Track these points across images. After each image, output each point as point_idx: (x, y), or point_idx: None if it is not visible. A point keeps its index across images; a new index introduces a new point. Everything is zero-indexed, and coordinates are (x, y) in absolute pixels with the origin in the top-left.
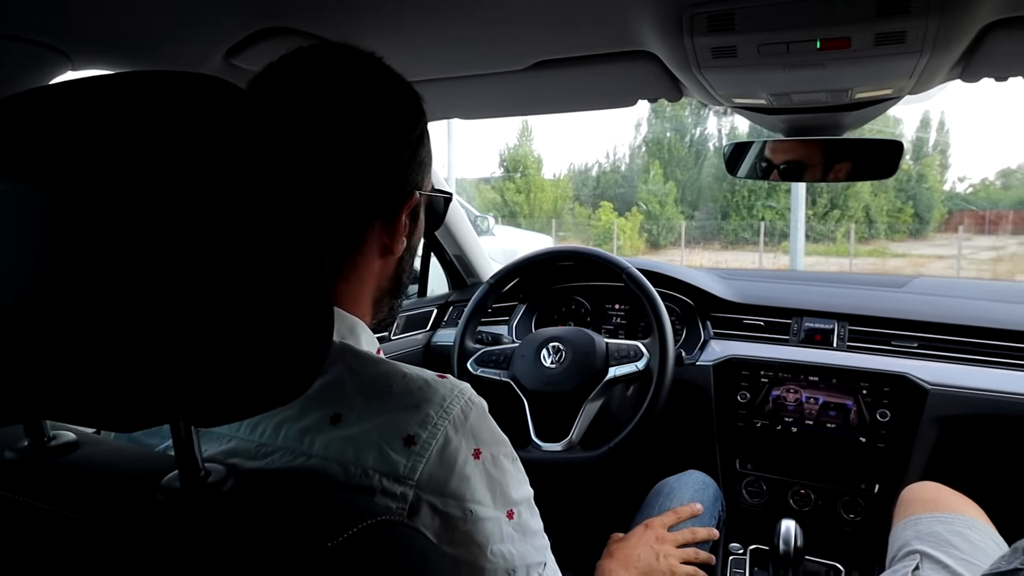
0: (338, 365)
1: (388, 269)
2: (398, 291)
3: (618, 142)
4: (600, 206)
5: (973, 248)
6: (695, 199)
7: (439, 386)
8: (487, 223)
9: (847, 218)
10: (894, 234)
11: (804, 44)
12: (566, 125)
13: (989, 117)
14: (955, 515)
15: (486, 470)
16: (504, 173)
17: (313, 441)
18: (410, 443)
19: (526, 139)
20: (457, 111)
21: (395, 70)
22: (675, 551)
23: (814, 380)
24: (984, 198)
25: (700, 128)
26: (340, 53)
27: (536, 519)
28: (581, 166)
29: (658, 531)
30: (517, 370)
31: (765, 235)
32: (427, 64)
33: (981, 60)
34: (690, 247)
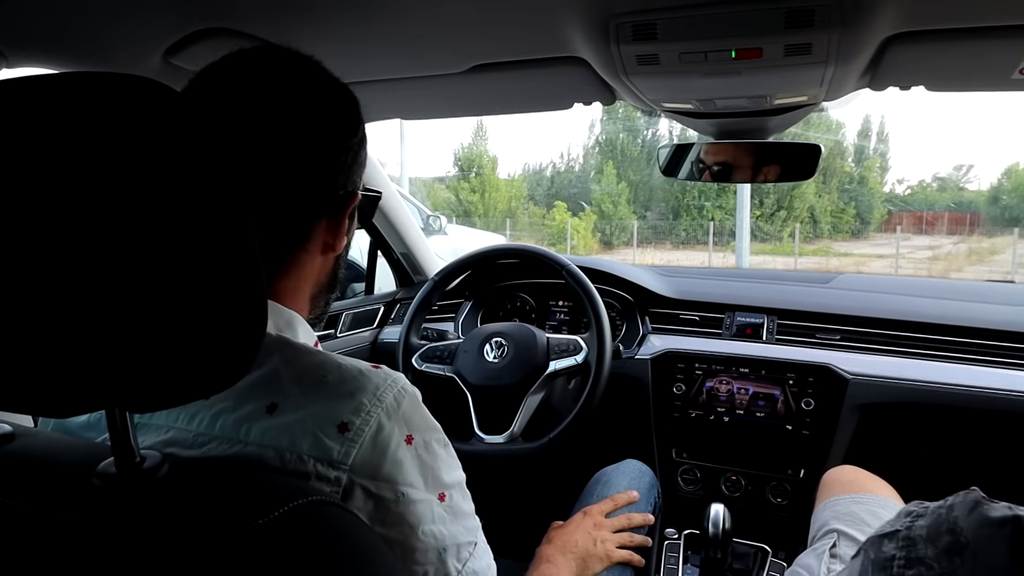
0: (275, 356)
1: (327, 266)
2: (334, 286)
3: (572, 142)
4: (554, 206)
5: (911, 248)
6: (647, 199)
7: (373, 376)
8: (439, 222)
9: (793, 218)
10: (837, 234)
11: (720, 53)
12: (521, 125)
13: (926, 122)
14: (870, 495)
15: (418, 455)
16: (459, 172)
17: (249, 430)
18: (344, 430)
19: (480, 139)
20: (398, 112)
21: (333, 73)
22: (612, 536)
23: (745, 372)
24: (921, 200)
25: (652, 129)
26: (281, 56)
27: (467, 502)
28: (536, 166)
29: (596, 518)
30: (461, 365)
31: (714, 235)
32: (367, 66)
33: (885, 71)
34: (642, 247)
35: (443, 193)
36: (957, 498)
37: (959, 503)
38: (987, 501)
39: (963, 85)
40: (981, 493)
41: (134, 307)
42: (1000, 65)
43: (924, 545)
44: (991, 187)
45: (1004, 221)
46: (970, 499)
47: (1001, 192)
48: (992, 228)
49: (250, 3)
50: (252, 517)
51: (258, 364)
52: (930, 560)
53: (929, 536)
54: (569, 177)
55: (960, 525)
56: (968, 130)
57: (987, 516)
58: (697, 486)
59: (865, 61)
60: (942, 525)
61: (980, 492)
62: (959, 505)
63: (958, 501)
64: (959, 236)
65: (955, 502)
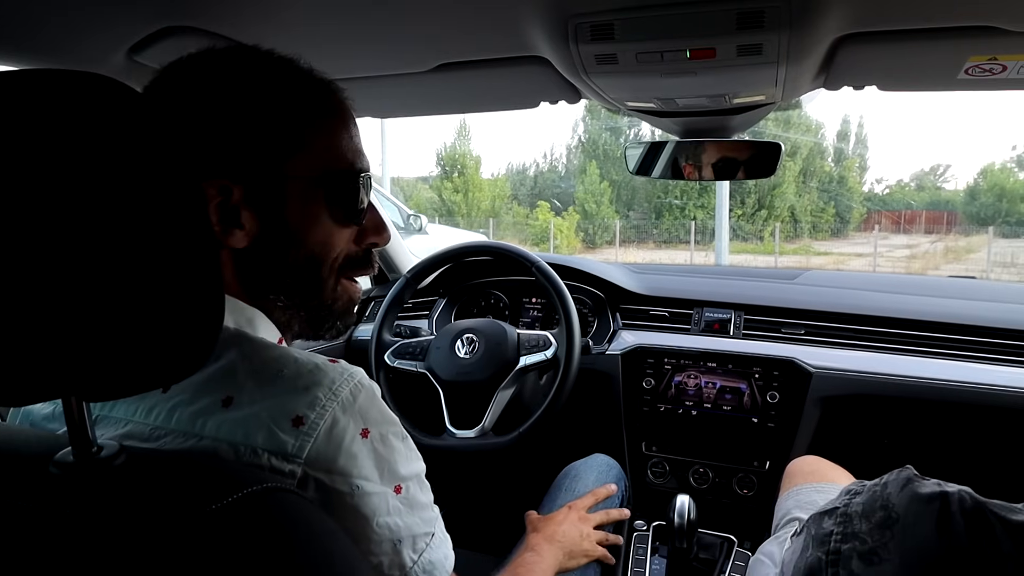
0: (232, 350)
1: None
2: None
3: (555, 142)
4: (537, 205)
5: (889, 246)
6: (630, 199)
7: (329, 370)
8: (420, 222)
9: (773, 218)
10: (817, 233)
11: (676, 53)
12: (504, 125)
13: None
14: (831, 484)
15: (374, 448)
16: (442, 172)
17: (205, 423)
18: (298, 423)
19: (464, 138)
20: (368, 111)
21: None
22: (595, 533)
23: (712, 366)
24: (900, 199)
25: (634, 129)
26: (231, 52)
27: (425, 493)
28: (519, 166)
29: (581, 512)
30: (433, 361)
31: (696, 234)
32: (333, 65)
33: (837, 71)
34: (625, 246)
35: (426, 193)
36: (891, 476)
37: (892, 481)
38: (918, 479)
39: (913, 85)
40: (913, 471)
41: (90, 297)
42: (947, 65)
43: (859, 520)
44: (967, 187)
45: (980, 220)
46: (902, 477)
47: (977, 192)
48: (968, 227)
49: (214, 1)
50: (206, 503)
51: (215, 357)
52: (863, 534)
53: (864, 512)
54: (552, 177)
55: (892, 501)
56: (945, 131)
57: (917, 492)
58: (666, 479)
59: (817, 62)
60: (876, 501)
61: (913, 470)
62: (892, 483)
63: (892, 479)
64: (936, 235)
65: (889, 480)
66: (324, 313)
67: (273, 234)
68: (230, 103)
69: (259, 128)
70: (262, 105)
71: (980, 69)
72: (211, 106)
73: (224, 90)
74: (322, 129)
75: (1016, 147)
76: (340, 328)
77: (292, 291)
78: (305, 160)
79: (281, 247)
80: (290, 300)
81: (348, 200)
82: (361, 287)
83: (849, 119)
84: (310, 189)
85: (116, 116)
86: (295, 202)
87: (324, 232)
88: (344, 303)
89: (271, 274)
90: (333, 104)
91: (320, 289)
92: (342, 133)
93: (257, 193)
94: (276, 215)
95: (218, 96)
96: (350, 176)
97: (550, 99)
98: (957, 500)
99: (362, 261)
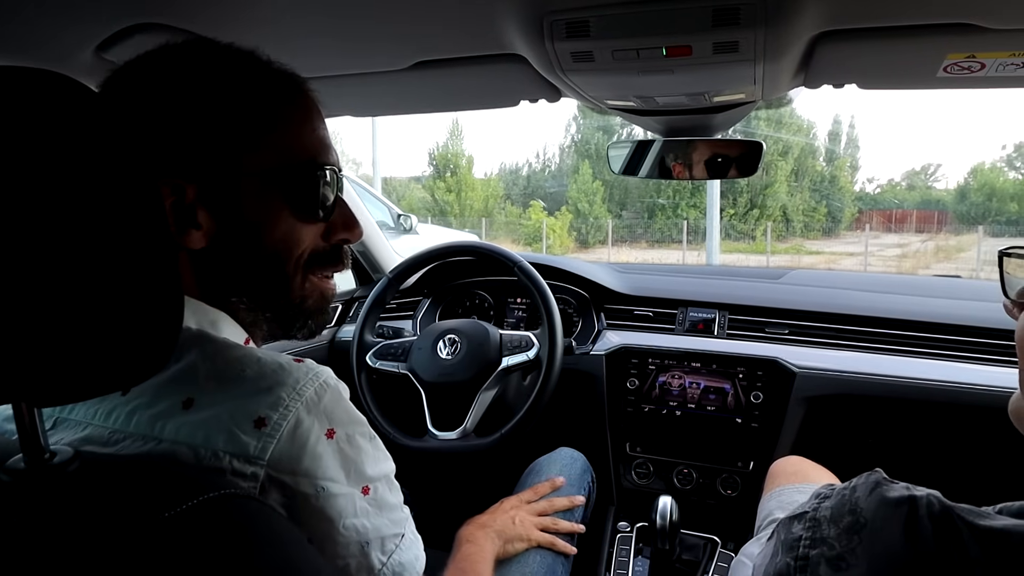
0: (193, 351)
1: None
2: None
3: (548, 141)
4: (530, 205)
5: (880, 245)
6: (623, 198)
7: (293, 369)
8: (410, 221)
9: (766, 217)
10: (809, 232)
11: (652, 51)
12: (496, 124)
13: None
14: (813, 484)
15: (340, 448)
16: (434, 172)
17: (164, 426)
18: (261, 424)
19: (456, 138)
20: (346, 109)
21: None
22: (532, 517)
23: (696, 366)
24: (891, 198)
25: (627, 129)
26: (187, 46)
27: (394, 494)
28: (512, 165)
29: (512, 502)
30: (415, 362)
31: (689, 233)
32: (309, 63)
33: (816, 69)
34: (617, 246)
35: (419, 193)
36: (860, 480)
37: (861, 484)
38: (887, 482)
39: (893, 83)
40: (883, 474)
41: (40, 299)
42: (926, 63)
43: (827, 525)
44: (958, 186)
45: (970, 219)
46: (871, 480)
47: (967, 191)
48: (959, 226)
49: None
50: (160, 510)
51: (175, 359)
52: (832, 540)
53: (832, 517)
54: (545, 176)
55: (860, 505)
56: (935, 130)
57: (885, 496)
58: (650, 479)
59: (795, 59)
60: (845, 506)
61: (882, 473)
62: (861, 487)
63: (860, 483)
64: (927, 234)
65: (858, 483)
66: (293, 312)
67: (231, 233)
68: (182, 99)
69: (212, 124)
70: (216, 100)
71: (959, 67)
72: (164, 103)
73: (177, 85)
74: (281, 122)
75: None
76: (313, 328)
77: (255, 291)
78: (263, 155)
79: (240, 246)
80: (254, 301)
81: (308, 194)
82: (336, 284)
83: (840, 119)
84: (268, 185)
85: (71, 115)
86: (252, 199)
87: (285, 229)
88: (315, 301)
89: (232, 274)
90: (294, 96)
91: (286, 288)
92: (304, 126)
93: (212, 191)
94: (233, 213)
95: (170, 92)
96: (309, 169)
97: (530, 97)
98: (925, 504)
99: (331, 257)
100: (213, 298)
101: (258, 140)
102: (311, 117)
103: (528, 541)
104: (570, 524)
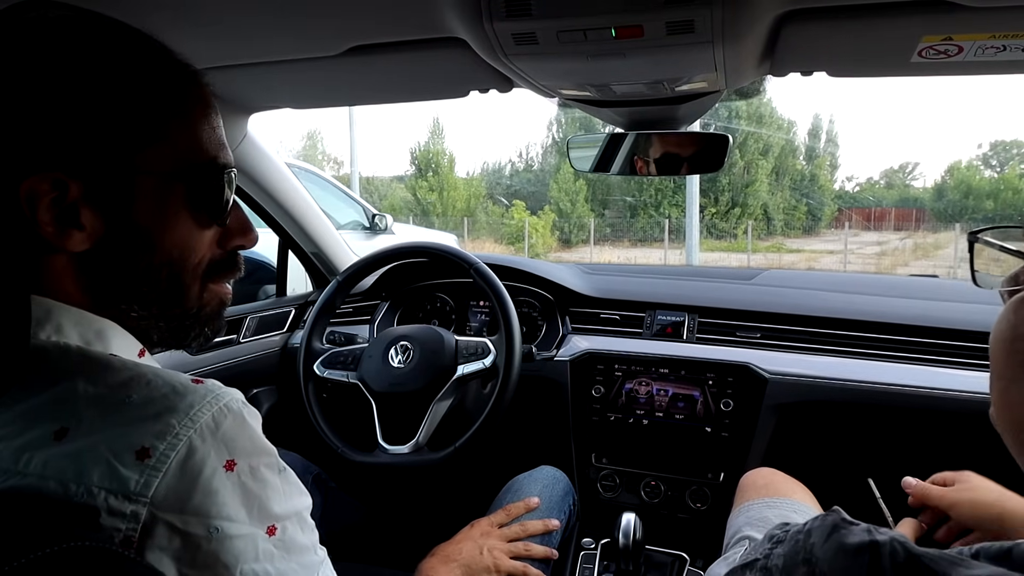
0: (71, 373)
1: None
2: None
3: (531, 141)
4: (513, 204)
5: (860, 244)
6: (605, 197)
7: (188, 392)
8: (385, 221)
9: (747, 215)
10: (790, 231)
11: (600, 32)
12: (478, 123)
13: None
14: (784, 499)
15: (241, 483)
16: (416, 172)
17: (31, 459)
18: (144, 456)
19: (438, 137)
20: (277, 100)
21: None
22: (502, 545)
23: (664, 372)
24: (870, 197)
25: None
26: (71, 20)
27: (307, 534)
28: (494, 164)
29: (483, 527)
30: (365, 371)
31: (670, 232)
32: (233, 48)
33: (783, 54)
34: (600, 245)
35: (401, 192)
36: (816, 521)
37: (817, 527)
38: (845, 524)
39: (864, 69)
40: (842, 514)
41: None
42: (899, 47)
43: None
44: (935, 184)
45: (947, 217)
46: (828, 522)
47: (944, 189)
48: (936, 224)
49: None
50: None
51: (50, 383)
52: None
53: (785, 567)
54: (528, 176)
55: (816, 554)
56: (913, 129)
57: (843, 543)
58: (616, 492)
59: (759, 43)
60: (798, 554)
61: (841, 513)
62: (816, 530)
63: (816, 525)
64: (905, 232)
65: (813, 526)
66: (189, 321)
67: (121, 236)
68: (66, 78)
69: (103, 112)
70: (107, 84)
71: (934, 51)
72: (42, 81)
73: (59, 62)
74: (182, 116)
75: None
76: (208, 335)
77: (147, 300)
78: (160, 152)
79: (131, 251)
80: (145, 309)
81: (212, 198)
82: (230, 289)
83: (821, 117)
84: (166, 185)
85: None
86: (147, 200)
87: (183, 234)
88: (213, 308)
89: (121, 281)
90: (192, 88)
91: (183, 297)
92: (203, 122)
93: (100, 189)
94: (123, 214)
95: (51, 69)
96: (213, 170)
97: (479, 87)
98: (888, 553)
99: (228, 264)
100: (100, 305)
101: (155, 134)
102: (210, 112)
103: (497, 572)
104: (544, 549)
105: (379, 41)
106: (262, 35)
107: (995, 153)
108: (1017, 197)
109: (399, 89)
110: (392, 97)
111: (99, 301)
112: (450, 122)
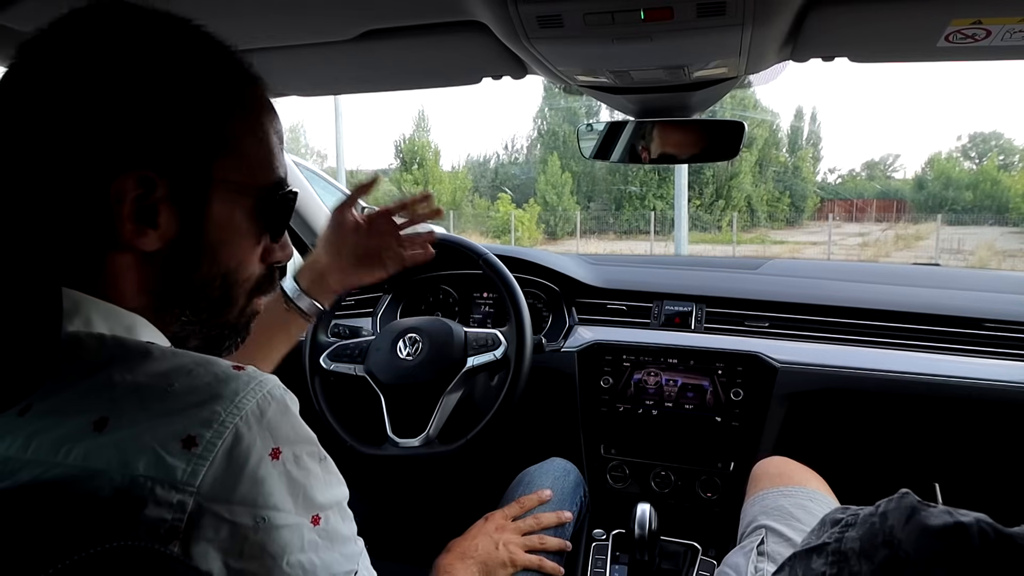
0: (108, 363)
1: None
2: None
3: (516, 133)
4: (498, 197)
5: (842, 235)
6: (590, 190)
7: (231, 379)
8: None
9: (731, 207)
10: (773, 222)
11: (628, 14)
12: (463, 115)
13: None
14: (798, 488)
15: (287, 471)
16: (401, 165)
17: (71, 450)
18: (190, 445)
19: (423, 129)
20: (286, 87)
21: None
22: (517, 539)
23: (673, 363)
24: (852, 188)
25: (595, 119)
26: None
27: (348, 524)
28: (480, 157)
29: (498, 521)
30: (372, 363)
31: (656, 224)
32: (241, 31)
33: (806, 40)
34: (586, 237)
35: (386, 186)
36: (891, 504)
37: (893, 510)
38: (924, 507)
39: (888, 55)
40: (915, 497)
41: None
42: (926, 31)
43: (857, 560)
44: (916, 176)
45: (928, 208)
46: (905, 505)
47: (925, 181)
48: (917, 215)
49: None
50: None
51: (86, 373)
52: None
53: (863, 550)
54: (513, 169)
55: (897, 536)
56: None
57: (926, 525)
58: (626, 483)
59: (785, 26)
60: (877, 537)
61: (914, 496)
62: (893, 512)
63: (892, 508)
64: (887, 223)
65: (888, 509)
66: (227, 332)
67: (189, 241)
68: (159, 81)
69: (191, 116)
70: (197, 89)
71: (962, 35)
72: (136, 82)
73: (152, 64)
74: (249, 126)
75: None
76: (238, 344)
77: (199, 307)
78: (235, 163)
79: (194, 257)
80: (196, 315)
81: (279, 216)
82: (264, 301)
83: (803, 110)
84: (239, 197)
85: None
86: (218, 208)
87: (242, 247)
88: (247, 320)
89: (178, 285)
90: (258, 94)
91: (230, 309)
92: (271, 135)
93: (182, 191)
94: (197, 219)
95: (144, 71)
96: (282, 189)
97: (493, 74)
98: (977, 533)
99: (268, 280)
100: (157, 308)
101: (228, 143)
102: (275, 122)
103: (513, 567)
104: (558, 541)
105: (395, 25)
106: (274, 19)
107: (974, 145)
108: (996, 188)
109: (411, 75)
110: (403, 84)
111: (156, 303)
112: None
